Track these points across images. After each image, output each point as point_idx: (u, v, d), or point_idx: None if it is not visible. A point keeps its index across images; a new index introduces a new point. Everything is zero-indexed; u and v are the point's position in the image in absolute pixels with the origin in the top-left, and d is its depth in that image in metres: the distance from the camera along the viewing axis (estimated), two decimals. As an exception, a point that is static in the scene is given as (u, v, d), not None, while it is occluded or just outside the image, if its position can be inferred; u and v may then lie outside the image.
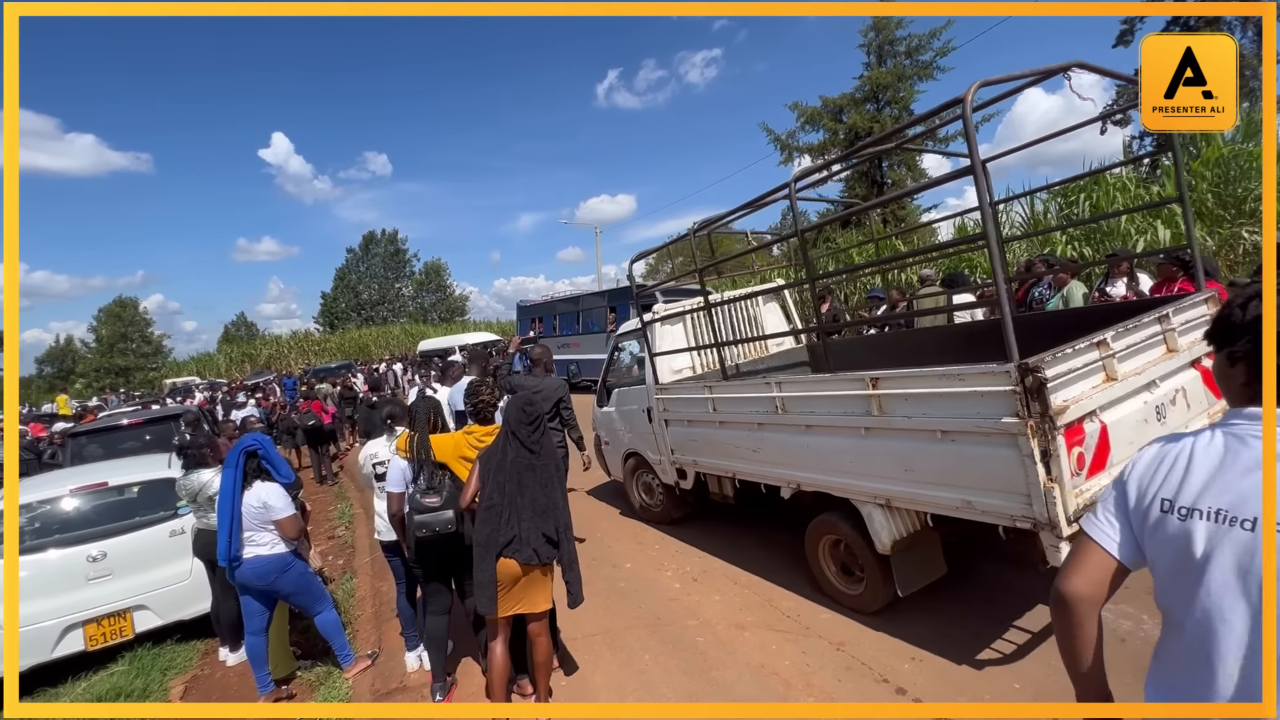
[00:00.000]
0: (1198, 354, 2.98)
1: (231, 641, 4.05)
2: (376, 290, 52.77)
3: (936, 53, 17.82)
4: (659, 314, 5.08)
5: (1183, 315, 3.05)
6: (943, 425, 2.64)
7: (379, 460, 3.59)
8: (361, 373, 16.79)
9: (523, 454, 2.70)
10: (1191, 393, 2.92)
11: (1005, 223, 10.56)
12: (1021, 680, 2.65)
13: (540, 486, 2.70)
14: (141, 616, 4.22)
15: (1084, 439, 2.43)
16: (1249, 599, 0.92)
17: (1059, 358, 2.44)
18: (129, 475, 4.72)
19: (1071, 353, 2.49)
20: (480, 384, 3.26)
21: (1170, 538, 1.01)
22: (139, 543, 4.34)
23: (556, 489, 2.77)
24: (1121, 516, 1.10)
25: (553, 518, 2.68)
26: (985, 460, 2.51)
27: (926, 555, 3.12)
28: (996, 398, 2.43)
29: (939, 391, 2.65)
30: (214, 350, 45.36)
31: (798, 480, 3.53)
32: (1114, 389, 2.58)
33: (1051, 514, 2.31)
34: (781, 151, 20.15)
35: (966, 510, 2.65)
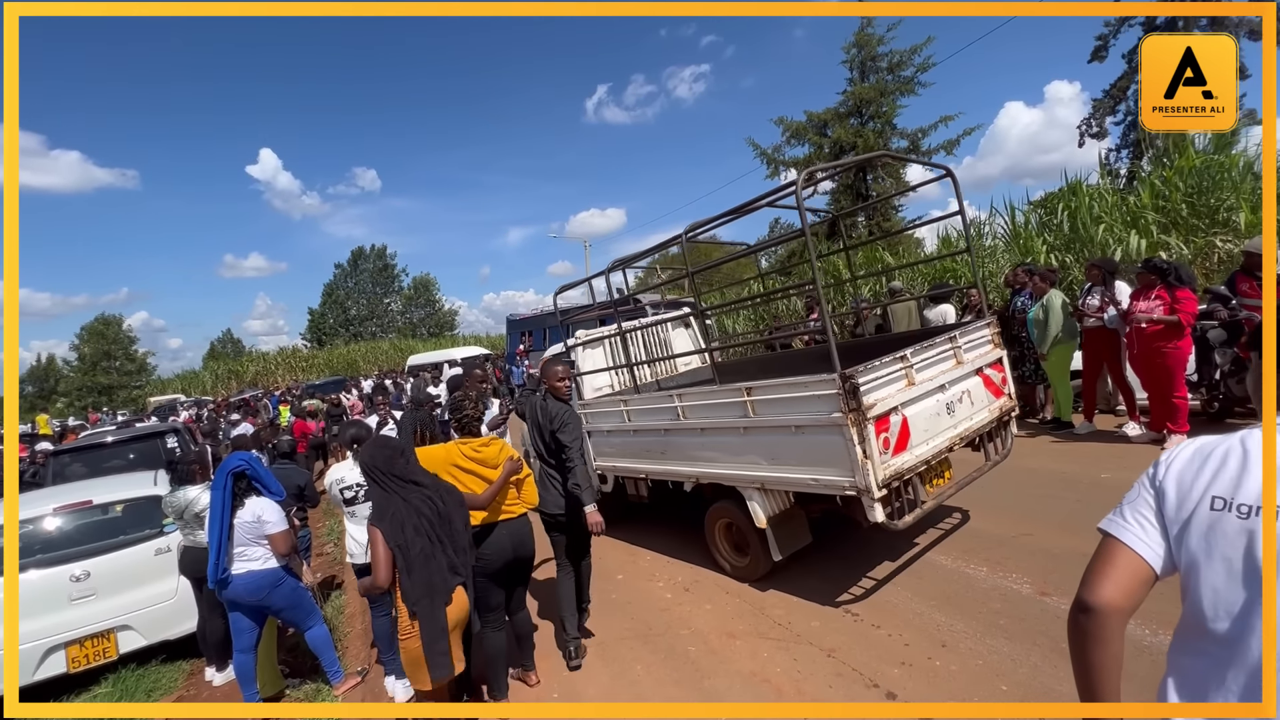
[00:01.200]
0: (980, 365, 3.94)
1: (218, 661, 3.99)
2: (365, 306, 52.49)
3: (917, 68, 18.16)
4: (581, 339, 5.68)
5: (968, 337, 3.97)
6: (796, 421, 3.41)
7: (346, 484, 3.54)
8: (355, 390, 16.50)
9: (411, 491, 2.55)
10: (974, 394, 3.88)
11: (989, 233, 10.75)
12: (1009, 683, 2.68)
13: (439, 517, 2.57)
14: (126, 637, 4.16)
15: (889, 427, 3.26)
16: None
17: (869, 369, 3.23)
18: (113, 493, 4.66)
19: (878, 365, 3.29)
20: (463, 398, 3.27)
21: (1227, 538, 0.93)
22: (123, 562, 4.28)
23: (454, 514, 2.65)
24: (1158, 519, 1.02)
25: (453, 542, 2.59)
26: (823, 446, 3.28)
27: (795, 527, 3.84)
28: (828, 399, 3.20)
29: (791, 396, 3.42)
30: (199, 368, 44.78)
31: (697, 475, 4.18)
32: (913, 391, 3.43)
33: (867, 483, 3.11)
34: (768, 166, 20.39)
35: (816, 485, 3.40)
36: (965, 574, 3.67)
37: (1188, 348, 5.15)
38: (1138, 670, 2.06)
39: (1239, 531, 0.92)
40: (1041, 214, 9.88)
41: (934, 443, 3.51)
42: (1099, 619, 1.02)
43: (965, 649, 2.97)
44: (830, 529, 4.63)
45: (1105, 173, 9.79)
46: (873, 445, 3.11)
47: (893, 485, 3.21)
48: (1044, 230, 9.33)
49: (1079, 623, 1.05)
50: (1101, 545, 1.08)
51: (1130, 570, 1.02)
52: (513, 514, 3.10)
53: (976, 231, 10.86)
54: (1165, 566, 1.02)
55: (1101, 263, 5.95)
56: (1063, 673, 2.67)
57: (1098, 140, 20.58)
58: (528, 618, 3.36)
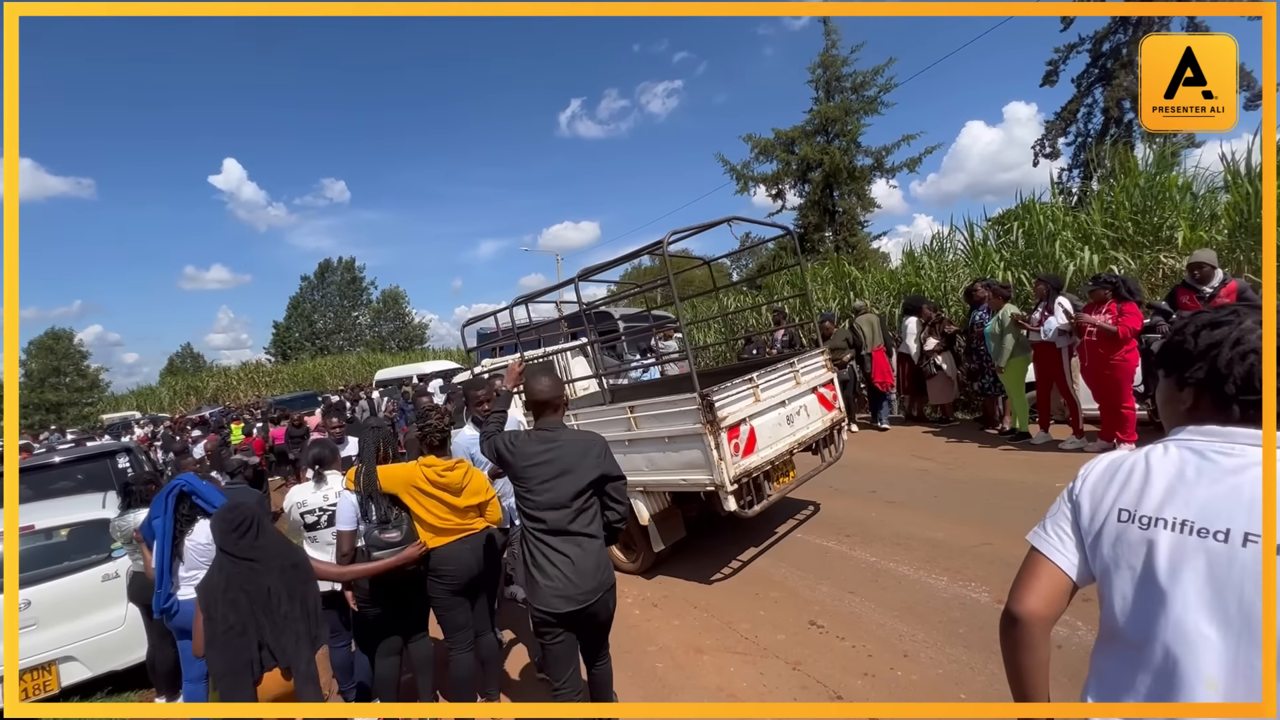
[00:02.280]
0: (814, 384, 4.74)
1: (169, 691, 3.82)
2: (332, 319, 51.43)
3: (880, 89, 18.75)
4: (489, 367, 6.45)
5: (805, 363, 4.78)
6: (668, 433, 4.03)
7: (307, 508, 3.42)
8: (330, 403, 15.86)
9: (239, 566, 2.35)
10: (810, 408, 4.68)
11: (950, 249, 11.10)
12: (968, 691, 2.74)
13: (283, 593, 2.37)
14: (69, 668, 3.96)
15: (740, 435, 3.93)
16: (1225, 614, 0.89)
17: (722, 389, 3.91)
18: (58, 517, 4.46)
19: (730, 386, 4.00)
20: (431, 409, 3.22)
21: (1131, 547, 0.99)
22: (67, 589, 4.09)
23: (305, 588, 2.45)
24: (1075, 531, 1.08)
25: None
26: (689, 451, 3.93)
27: (672, 523, 4.44)
28: (691, 414, 3.86)
29: (664, 412, 4.05)
30: (156, 383, 43.17)
31: None
32: (759, 405, 4.13)
33: (722, 479, 3.75)
34: (737, 181, 20.75)
35: (685, 485, 4.00)
36: (927, 584, 3.75)
37: (1135, 360, 5.37)
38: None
39: (1140, 541, 0.98)
40: (998, 231, 10.24)
41: (777, 447, 4.24)
42: (1023, 628, 1.09)
43: (926, 658, 3.02)
44: (795, 551, 4.70)
45: (1058, 191, 10.20)
46: (726, 450, 3.78)
47: (743, 481, 3.88)
48: (1001, 247, 9.67)
49: (1008, 632, 1.12)
50: (1027, 557, 1.15)
51: (1050, 581, 1.09)
52: (473, 530, 3.06)
53: (939, 246, 11.21)
54: (1083, 576, 1.08)
55: (1047, 279, 6.19)
56: (1018, 679, 2.73)
57: (1051, 160, 21.47)
58: (494, 642, 3.30)
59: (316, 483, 3.49)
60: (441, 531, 2.98)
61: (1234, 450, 0.95)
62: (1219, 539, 0.91)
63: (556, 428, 2.57)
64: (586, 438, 2.58)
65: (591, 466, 2.48)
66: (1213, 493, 0.94)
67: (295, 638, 2.34)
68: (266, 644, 2.32)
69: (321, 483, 3.49)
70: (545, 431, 2.55)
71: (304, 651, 2.34)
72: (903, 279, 10.85)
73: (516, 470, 2.47)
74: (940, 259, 10.86)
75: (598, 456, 2.51)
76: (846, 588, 3.87)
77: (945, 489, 5.40)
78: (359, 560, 2.99)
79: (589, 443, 2.55)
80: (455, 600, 3.02)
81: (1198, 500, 0.94)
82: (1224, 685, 0.89)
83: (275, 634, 2.32)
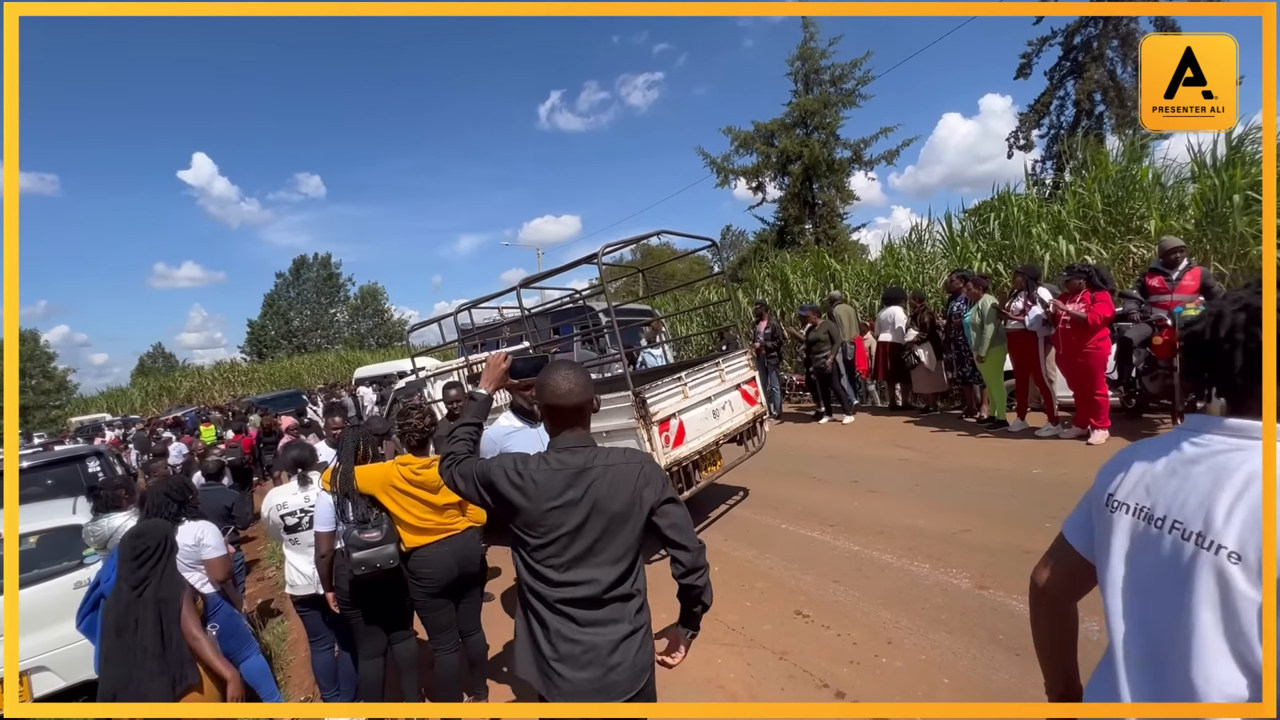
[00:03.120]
0: (738, 381, 5.18)
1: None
2: (309, 316, 50.51)
3: (858, 81, 18.87)
4: (430, 370, 6.92)
5: (730, 362, 5.25)
6: (606, 428, 4.34)
7: (287, 510, 3.37)
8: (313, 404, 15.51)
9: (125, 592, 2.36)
10: (734, 403, 5.13)
11: (928, 240, 11.23)
12: (950, 676, 2.78)
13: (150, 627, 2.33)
14: (41, 679, 3.86)
15: (670, 429, 4.32)
16: (1159, 596, 0.92)
17: (653, 388, 4.32)
18: (27, 524, 4.33)
19: (660, 384, 4.44)
20: (411, 407, 3.18)
21: (1104, 529, 1.03)
22: (38, 597, 3.97)
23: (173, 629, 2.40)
24: (1085, 509, 1.12)
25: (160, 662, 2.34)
26: (625, 443, 4.13)
27: None
28: (626, 409, 4.23)
29: (608, 408, 4.34)
30: (127, 384, 42.08)
31: None
32: (687, 402, 4.55)
33: None
34: (718, 174, 20.76)
35: None
36: (909, 571, 3.80)
37: (1107, 348, 5.50)
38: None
39: (1108, 523, 1.03)
40: (975, 222, 10.38)
41: (704, 439, 4.64)
42: (1035, 595, 1.19)
43: (910, 645, 3.07)
44: (780, 542, 4.73)
45: (1031, 183, 10.36)
46: (657, 441, 4.15)
47: (674, 470, 4.24)
48: (978, 238, 9.80)
49: (1030, 596, 1.22)
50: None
51: (1064, 556, 1.15)
52: (455, 530, 3.02)
53: (917, 239, 11.34)
54: (1090, 552, 1.11)
55: (1025, 269, 6.30)
56: (998, 662, 2.79)
57: (1025, 152, 21.78)
58: (482, 640, 3.27)
59: (301, 484, 3.43)
60: (421, 531, 2.94)
61: (1200, 440, 0.95)
62: (1157, 526, 0.94)
63: (585, 446, 1.71)
64: (629, 456, 1.74)
65: (640, 499, 1.68)
66: (1167, 481, 0.96)
67: (150, 675, 2.30)
68: (119, 676, 2.29)
69: (306, 484, 3.43)
70: (569, 454, 1.68)
71: (158, 689, 2.30)
72: (882, 270, 10.96)
73: (528, 516, 1.63)
74: (919, 251, 10.99)
75: (645, 481, 1.70)
76: (831, 577, 3.91)
77: (926, 477, 5.48)
78: (338, 561, 2.95)
79: (634, 464, 1.72)
80: (437, 602, 2.99)
81: (1154, 487, 0.96)
82: (1150, 669, 0.92)
83: (128, 668, 2.29)
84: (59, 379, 46.02)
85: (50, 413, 42.14)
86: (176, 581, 2.47)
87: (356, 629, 3.08)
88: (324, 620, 3.34)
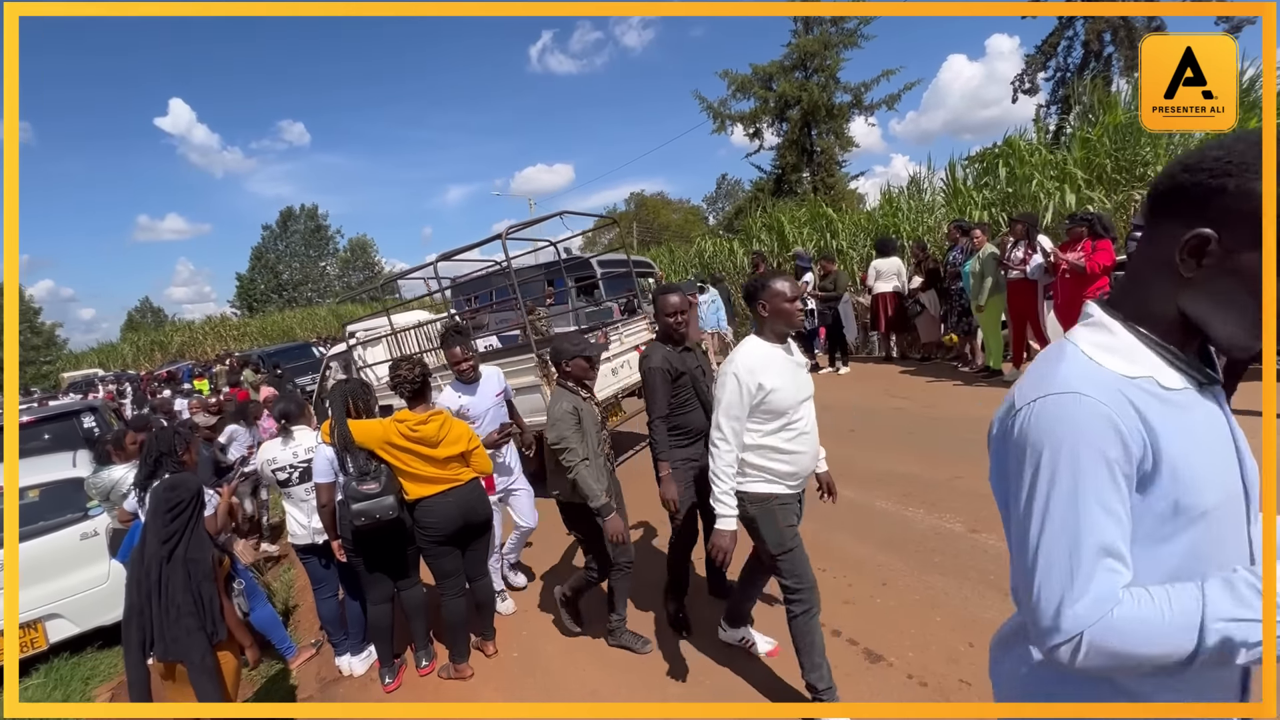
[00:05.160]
0: (636, 343, 5.79)
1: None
2: (298, 269, 49.83)
3: (860, 20, 18.14)
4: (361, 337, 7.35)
5: (629, 326, 6.05)
6: (525, 384, 4.79)
7: (278, 465, 3.41)
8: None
9: (154, 548, 2.38)
10: (632, 362, 5.54)
11: (928, 189, 11.04)
12: (943, 614, 2.88)
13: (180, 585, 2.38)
14: (55, 625, 3.96)
15: None
16: None
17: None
18: (28, 477, 4.35)
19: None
20: (402, 359, 3.16)
21: None
22: (46, 548, 4.04)
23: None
24: None
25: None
26: (531, 397, 4.75)
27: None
28: (532, 369, 4.77)
29: (517, 368, 4.86)
30: (117, 339, 41.72)
31: None
32: None
33: None
34: (714, 120, 20.17)
35: (537, 427, 4.14)
36: (904, 516, 3.89)
37: (1106, 297, 5.48)
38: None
39: None
40: (978, 170, 10.18)
41: (605, 393, 5.04)
42: None
43: (903, 585, 3.17)
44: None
45: (1040, 129, 10.11)
46: None
47: None
48: (981, 186, 9.64)
49: None
50: None
51: None
52: (459, 481, 3.05)
53: (916, 187, 11.14)
54: None
55: (1023, 218, 6.21)
56: (988, 601, 2.89)
57: (1030, 96, 21.19)
58: (489, 585, 3.35)
59: (283, 438, 3.45)
60: (425, 481, 2.98)
61: None
62: None
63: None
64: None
65: None
66: None
67: (186, 631, 2.33)
68: (151, 633, 2.33)
69: (289, 438, 3.44)
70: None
71: (196, 645, 2.34)
72: (880, 220, 10.81)
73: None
74: (918, 200, 10.82)
75: None
76: (828, 523, 3.99)
77: (921, 426, 5.55)
78: (341, 511, 2.99)
79: None
80: (442, 549, 3.06)
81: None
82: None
83: (162, 624, 2.33)
84: (47, 334, 45.56)
85: (41, 368, 41.88)
86: (205, 541, 2.50)
87: (363, 576, 3.14)
88: (322, 566, 3.42)
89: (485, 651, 3.28)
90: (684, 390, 2.90)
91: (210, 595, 2.43)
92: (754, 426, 2.29)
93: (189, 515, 2.48)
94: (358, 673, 3.39)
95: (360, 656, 3.44)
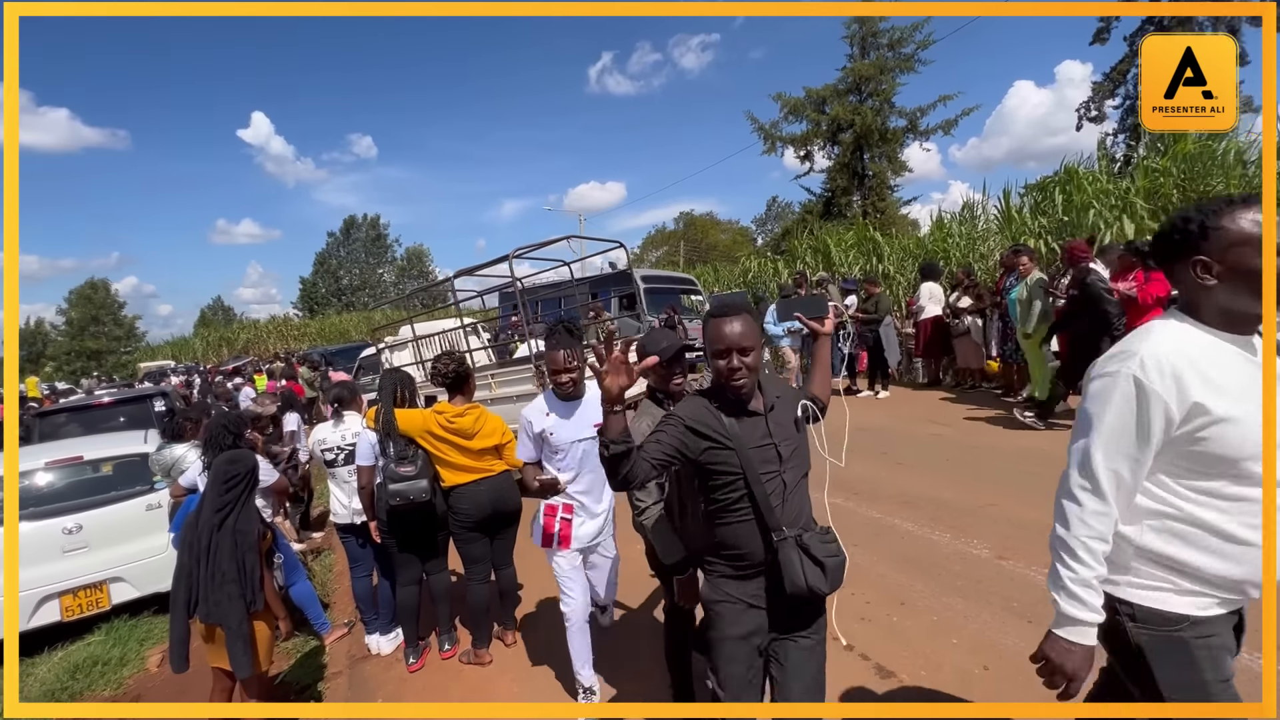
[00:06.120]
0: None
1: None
2: (357, 275, 52.10)
3: (918, 45, 18.00)
4: (388, 343, 8.22)
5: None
6: (516, 392, 5.22)
7: (326, 446, 3.64)
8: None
9: (208, 516, 2.61)
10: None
11: (981, 216, 10.81)
12: (960, 637, 2.83)
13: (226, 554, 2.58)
14: (118, 588, 4.28)
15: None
16: None
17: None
18: (103, 450, 4.75)
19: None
20: (440, 355, 3.34)
21: None
22: (115, 516, 4.39)
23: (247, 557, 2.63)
24: None
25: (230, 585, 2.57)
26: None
27: None
28: (530, 378, 5.10)
29: (512, 377, 5.41)
30: (190, 334, 44.49)
31: None
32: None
33: None
34: (765, 141, 20.26)
35: None
36: (929, 539, 3.82)
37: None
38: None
39: None
40: (1037, 198, 9.92)
41: None
42: None
43: (922, 606, 3.12)
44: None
45: (1104, 157, 9.80)
46: None
47: None
48: (1037, 214, 9.38)
49: None
50: None
51: None
52: (492, 472, 3.20)
53: (970, 214, 10.92)
54: None
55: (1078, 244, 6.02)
56: (1008, 627, 2.82)
57: (1096, 124, 20.50)
58: (513, 575, 3.48)
59: (335, 421, 3.69)
60: (459, 469, 3.15)
61: None
62: None
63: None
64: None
65: None
66: None
67: (228, 597, 2.52)
68: (196, 594, 2.54)
69: (340, 421, 3.68)
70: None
71: (235, 611, 2.53)
72: (930, 246, 10.64)
73: None
74: (971, 227, 10.60)
75: None
76: (849, 541, 3.89)
77: (957, 453, 5.43)
78: (379, 493, 3.18)
79: None
80: (471, 535, 3.20)
81: None
82: None
83: (207, 588, 2.53)
84: (128, 326, 48.98)
85: (120, 358, 45.01)
86: (254, 516, 2.73)
87: (394, 557, 3.33)
88: (359, 545, 3.62)
89: (505, 641, 3.39)
90: (723, 475, 1.70)
91: (253, 565, 2.64)
92: (1172, 478, 1.27)
93: (242, 488, 2.71)
94: (385, 652, 3.55)
95: (388, 637, 3.60)
